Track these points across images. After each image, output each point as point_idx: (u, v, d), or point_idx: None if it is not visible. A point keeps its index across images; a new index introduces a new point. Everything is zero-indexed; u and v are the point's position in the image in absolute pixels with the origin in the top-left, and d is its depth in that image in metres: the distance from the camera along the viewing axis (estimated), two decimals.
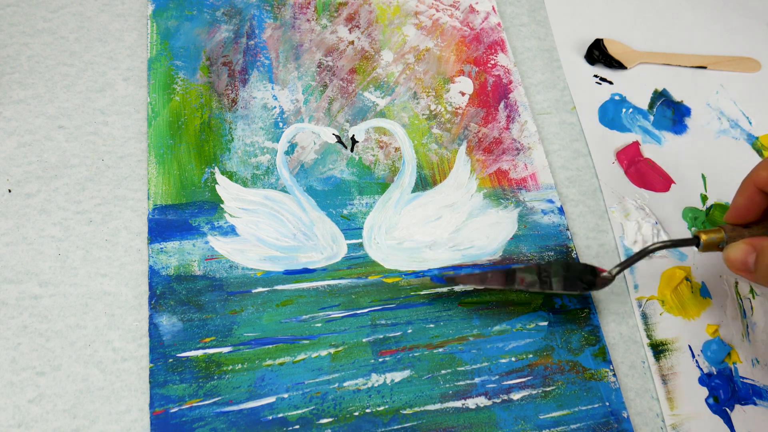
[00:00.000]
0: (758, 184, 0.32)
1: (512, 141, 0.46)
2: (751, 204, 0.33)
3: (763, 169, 0.32)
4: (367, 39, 0.48)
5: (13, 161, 0.41)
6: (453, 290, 0.40)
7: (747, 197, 0.33)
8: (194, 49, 0.46)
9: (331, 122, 0.45)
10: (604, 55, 0.50)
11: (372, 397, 0.36)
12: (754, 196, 0.33)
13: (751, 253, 0.32)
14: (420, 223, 0.42)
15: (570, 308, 0.40)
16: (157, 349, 0.36)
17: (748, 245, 0.32)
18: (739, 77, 0.51)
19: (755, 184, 0.32)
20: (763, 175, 0.32)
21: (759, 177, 0.32)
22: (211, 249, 0.39)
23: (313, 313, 0.38)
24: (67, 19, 0.46)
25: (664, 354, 0.40)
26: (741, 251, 0.32)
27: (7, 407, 0.34)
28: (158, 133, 0.42)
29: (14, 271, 0.37)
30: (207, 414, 0.34)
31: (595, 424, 0.37)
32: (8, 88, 0.43)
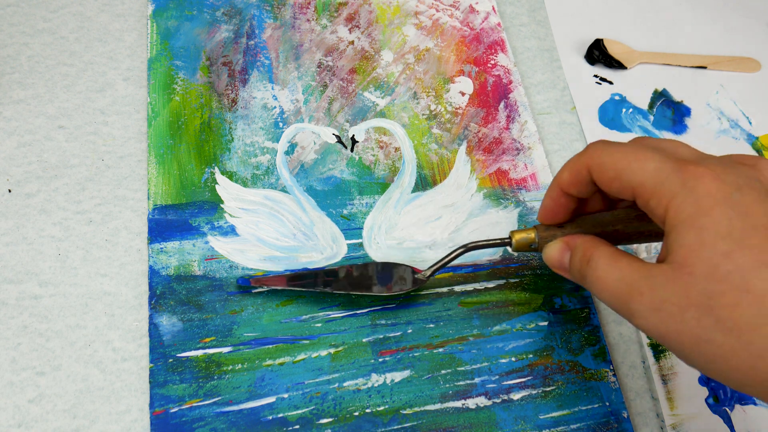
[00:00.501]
0: (561, 186, 0.32)
1: (512, 141, 0.46)
2: (557, 205, 0.33)
3: (565, 170, 0.32)
4: (367, 39, 0.48)
5: (13, 161, 0.41)
6: (453, 290, 0.40)
7: (553, 198, 0.33)
8: (194, 49, 0.46)
9: (331, 122, 0.45)
10: (604, 55, 0.50)
11: (372, 397, 0.36)
12: (559, 197, 0.33)
13: (566, 251, 0.32)
14: (420, 223, 0.42)
15: (570, 308, 0.40)
16: (157, 349, 0.36)
17: (564, 244, 0.32)
18: (739, 77, 0.51)
19: (559, 185, 0.32)
20: (565, 176, 0.32)
21: (561, 179, 0.32)
22: (211, 249, 0.39)
23: (313, 313, 0.38)
24: (67, 19, 0.46)
25: (664, 354, 0.40)
26: (557, 250, 0.32)
27: (7, 407, 0.34)
28: (158, 133, 0.42)
29: (14, 271, 0.37)
30: (207, 414, 0.35)
31: (595, 424, 0.37)
32: (8, 88, 0.43)
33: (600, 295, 0.29)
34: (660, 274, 0.26)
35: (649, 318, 0.26)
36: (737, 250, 0.24)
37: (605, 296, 0.28)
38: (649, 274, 0.27)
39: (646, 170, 0.27)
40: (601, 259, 0.29)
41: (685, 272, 0.25)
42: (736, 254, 0.24)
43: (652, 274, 0.26)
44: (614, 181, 0.29)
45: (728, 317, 0.24)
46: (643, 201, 0.28)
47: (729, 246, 0.24)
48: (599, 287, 0.29)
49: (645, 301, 0.26)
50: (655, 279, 0.26)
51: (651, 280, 0.26)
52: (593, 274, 0.29)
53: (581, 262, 0.30)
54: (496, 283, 0.40)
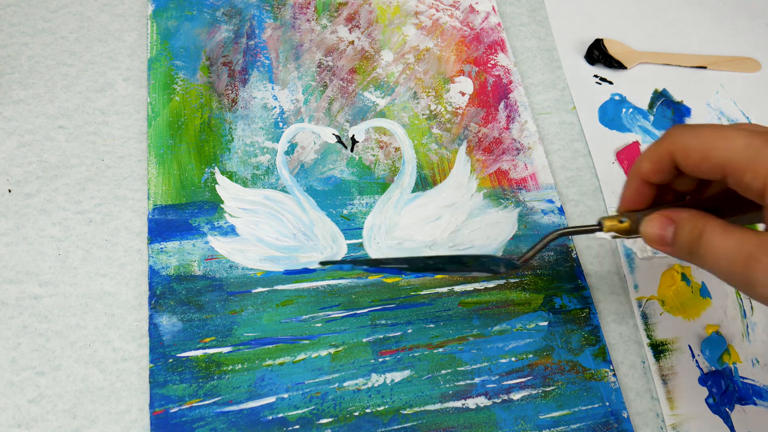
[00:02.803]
0: (642, 176, 0.33)
1: (512, 141, 0.46)
2: (639, 195, 0.33)
3: (645, 160, 0.32)
4: (367, 39, 0.48)
5: (13, 161, 0.41)
6: (453, 290, 0.40)
7: (633, 190, 0.33)
8: (194, 49, 0.46)
9: (331, 122, 0.45)
10: (604, 55, 0.50)
11: (372, 397, 0.36)
12: (640, 187, 0.33)
13: (668, 224, 0.31)
14: (420, 223, 0.42)
15: (570, 308, 0.40)
16: (157, 349, 0.36)
17: (665, 217, 0.31)
18: (739, 77, 0.51)
19: (639, 176, 0.33)
20: (645, 166, 0.32)
21: (642, 169, 0.32)
22: (211, 249, 0.39)
23: (313, 313, 0.38)
24: (67, 19, 0.46)
25: (664, 354, 0.40)
26: (657, 224, 0.31)
27: (7, 407, 0.34)
28: (158, 133, 0.42)
29: (14, 271, 0.37)
30: (207, 414, 0.34)
31: (595, 424, 0.37)
32: (8, 88, 0.43)
33: (714, 265, 0.29)
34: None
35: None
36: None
37: (720, 266, 0.28)
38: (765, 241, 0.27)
39: (736, 147, 0.27)
40: (714, 229, 0.29)
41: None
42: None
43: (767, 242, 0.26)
44: (702, 162, 0.29)
45: None
46: (736, 178, 0.28)
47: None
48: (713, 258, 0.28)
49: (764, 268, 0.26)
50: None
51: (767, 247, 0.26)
52: (706, 244, 0.29)
53: (691, 233, 0.30)
54: (496, 283, 0.40)
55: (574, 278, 0.41)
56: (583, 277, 0.41)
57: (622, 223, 0.33)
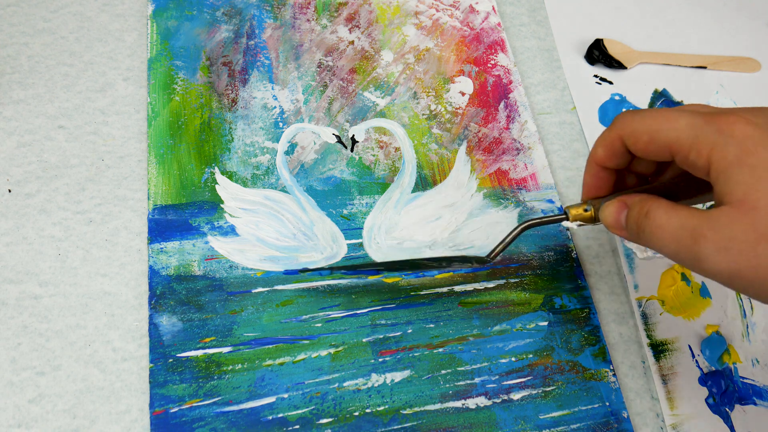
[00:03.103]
0: (597, 161, 0.34)
1: (512, 141, 0.46)
2: (598, 180, 0.34)
3: (598, 146, 0.33)
4: (367, 39, 0.48)
5: (13, 161, 0.41)
6: (453, 290, 0.40)
7: (592, 175, 0.35)
8: (194, 49, 0.46)
9: (331, 122, 0.45)
10: (604, 55, 0.50)
11: (372, 397, 0.36)
12: (598, 173, 0.34)
13: (622, 209, 0.32)
14: (420, 223, 0.42)
15: (570, 308, 0.40)
16: (157, 349, 0.36)
17: (620, 202, 0.32)
18: (739, 77, 0.51)
19: (595, 162, 0.34)
20: (599, 152, 0.33)
21: (597, 155, 0.34)
22: (211, 249, 0.39)
23: (313, 313, 0.38)
24: (67, 19, 0.46)
25: (664, 354, 0.40)
26: (613, 209, 0.33)
27: (7, 407, 0.34)
28: (158, 133, 0.42)
29: (14, 271, 0.37)
30: (207, 414, 0.34)
31: (595, 424, 0.37)
32: (8, 88, 0.43)
33: (660, 244, 0.29)
34: (722, 215, 0.27)
35: (718, 259, 0.27)
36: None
37: (666, 244, 0.29)
38: (711, 216, 0.27)
39: (679, 127, 0.29)
40: (659, 209, 0.29)
41: (748, 208, 0.26)
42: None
43: (713, 217, 0.27)
44: (649, 144, 0.30)
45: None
46: (681, 157, 0.29)
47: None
48: (659, 237, 0.29)
49: (710, 243, 0.27)
50: (719, 220, 0.27)
51: (714, 221, 0.27)
52: (652, 224, 0.29)
53: (638, 215, 0.30)
54: (496, 283, 0.40)
55: (574, 278, 0.41)
56: (583, 277, 0.41)
57: (586, 212, 0.34)
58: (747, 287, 0.27)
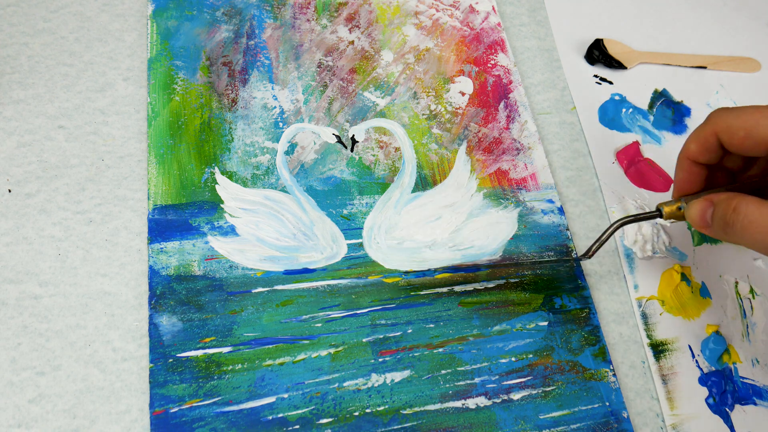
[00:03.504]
0: (690, 156, 0.35)
1: (512, 141, 0.46)
2: (690, 176, 0.36)
3: (691, 142, 0.34)
4: (367, 39, 0.48)
5: (13, 161, 0.41)
6: (453, 290, 0.40)
7: (684, 170, 0.36)
8: (194, 49, 0.46)
9: (331, 122, 0.45)
10: (604, 55, 0.50)
11: (372, 397, 0.36)
12: (690, 168, 0.35)
13: (708, 207, 0.33)
14: (420, 223, 0.42)
15: (570, 308, 0.40)
16: (157, 349, 0.36)
17: (706, 201, 0.33)
18: (739, 77, 0.51)
19: (687, 157, 0.35)
20: (692, 147, 0.34)
21: (689, 151, 0.35)
22: (211, 249, 0.39)
23: (313, 313, 0.38)
24: (67, 19, 0.46)
25: (664, 354, 0.40)
26: (699, 207, 0.34)
27: (7, 407, 0.34)
28: (158, 133, 0.42)
29: (14, 271, 0.37)
30: (207, 414, 0.34)
31: (595, 424, 0.37)
32: (8, 88, 0.43)
33: (753, 238, 0.30)
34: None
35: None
36: None
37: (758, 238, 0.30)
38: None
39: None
40: (750, 205, 0.30)
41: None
42: None
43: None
44: (746, 139, 0.31)
45: None
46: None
47: None
48: (751, 230, 0.30)
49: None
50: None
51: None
52: (744, 219, 0.30)
53: (726, 211, 0.31)
54: (496, 283, 0.40)
55: (574, 278, 0.41)
56: (583, 277, 0.41)
57: (680, 210, 0.36)
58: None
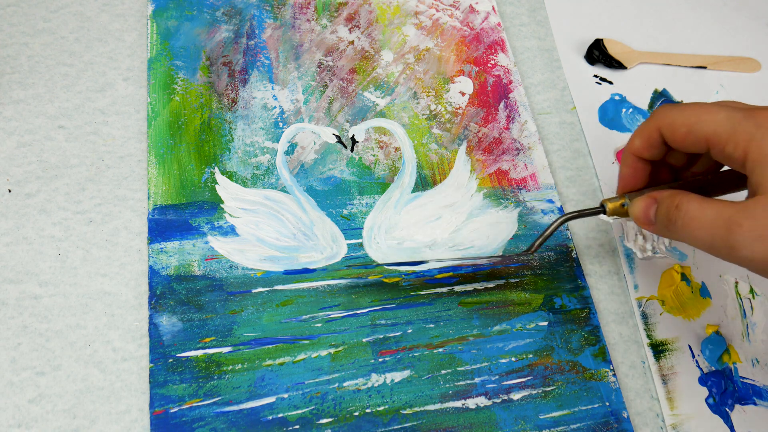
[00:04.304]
0: (634, 152, 0.35)
1: (512, 141, 0.46)
2: (634, 171, 0.36)
3: (636, 137, 0.34)
4: (367, 39, 0.48)
5: (13, 161, 0.41)
6: (453, 290, 0.40)
7: (629, 166, 0.35)
8: (194, 49, 0.46)
9: (331, 122, 0.45)
10: (604, 55, 0.50)
11: (372, 397, 0.36)
12: (635, 164, 0.35)
13: (652, 204, 0.33)
14: (420, 223, 0.42)
15: (570, 308, 0.40)
16: (157, 349, 0.36)
17: (650, 198, 0.33)
18: (739, 77, 0.51)
19: (632, 152, 0.35)
20: (637, 143, 0.34)
21: (634, 146, 0.35)
22: (211, 249, 0.39)
23: (313, 313, 0.38)
24: (67, 19, 0.46)
25: (664, 354, 0.40)
26: (643, 204, 0.33)
27: (7, 407, 0.34)
28: (158, 133, 0.42)
29: (14, 271, 0.37)
30: (207, 414, 0.35)
31: (595, 424, 0.37)
32: (8, 88, 0.43)
33: (694, 235, 0.30)
34: (757, 205, 0.28)
35: (754, 247, 0.27)
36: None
37: (700, 235, 0.29)
38: (746, 206, 0.28)
39: (718, 120, 0.30)
40: (692, 202, 0.30)
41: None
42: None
43: (749, 206, 0.28)
44: (688, 135, 0.31)
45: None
46: (718, 149, 0.30)
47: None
48: (692, 227, 0.30)
49: (746, 231, 0.28)
50: (755, 210, 0.28)
51: (749, 211, 0.28)
52: (685, 216, 0.30)
53: (669, 209, 0.31)
54: (496, 283, 0.40)
55: (574, 278, 0.41)
56: (583, 277, 0.41)
57: (623, 207, 0.35)
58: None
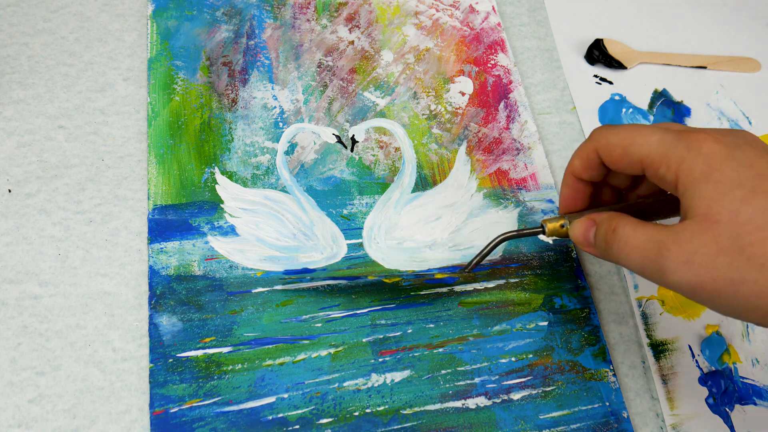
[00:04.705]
0: (574, 173, 0.35)
1: (512, 141, 0.46)
2: (575, 192, 0.35)
3: (576, 158, 0.34)
4: (367, 39, 0.48)
5: (13, 161, 0.41)
6: (453, 290, 0.40)
7: (569, 186, 0.35)
8: (194, 49, 0.46)
9: (331, 122, 0.45)
10: (604, 55, 0.50)
11: (372, 397, 0.36)
12: (574, 184, 0.35)
13: (591, 227, 0.33)
14: (420, 223, 0.42)
15: (570, 308, 0.40)
16: (157, 349, 0.36)
17: (589, 220, 0.33)
18: (739, 77, 0.51)
19: (572, 173, 0.35)
20: (576, 164, 0.34)
21: (573, 167, 0.34)
22: (211, 249, 0.39)
23: (313, 313, 0.38)
24: (67, 19, 0.46)
25: (664, 354, 0.40)
26: (582, 226, 0.34)
27: (7, 407, 0.34)
28: (158, 133, 0.42)
29: (14, 271, 0.37)
30: (207, 414, 0.35)
31: (595, 424, 0.37)
32: (8, 88, 0.43)
33: (627, 259, 0.30)
34: (686, 229, 0.28)
35: (681, 272, 0.28)
36: (752, 196, 0.27)
37: (633, 258, 0.30)
38: (675, 230, 0.28)
39: (651, 142, 0.30)
40: (627, 226, 0.30)
41: (710, 222, 0.27)
42: (753, 199, 0.27)
43: (678, 231, 0.28)
44: (623, 157, 0.31)
45: (759, 254, 0.26)
46: (652, 171, 0.30)
47: (744, 193, 0.27)
48: (627, 251, 0.30)
49: (675, 256, 0.28)
50: (683, 234, 0.28)
51: (678, 235, 0.28)
52: (620, 240, 0.30)
53: (606, 232, 0.31)
54: (496, 283, 0.40)
55: (574, 278, 0.41)
56: (583, 277, 0.41)
57: (563, 228, 0.35)
58: (708, 299, 0.28)
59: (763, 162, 0.28)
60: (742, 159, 0.28)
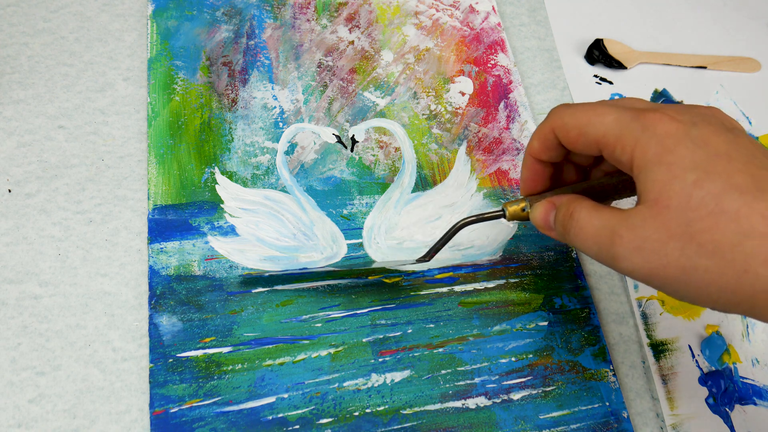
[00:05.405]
0: (533, 154, 0.34)
1: (512, 141, 0.46)
2: (535, 173, 0.34)
3: (534, 139, 0.33)
4: (367, 39, 0.48)
5: (13, 161, 0.41)
6: (453, 290, 0.40)
7: (528, 168, 0.34)
8: (194, 49, 0.46)
9: (331, 122, 0.45)
10: (604, 55, 0.50)
11: (372, 397, 0.36)
12: (534, 165, 0.34)
13: (551, 210, 0.32)
14: (420, 223, 0.42)
15: (570, 308, 0.40)
16: (157, 349, 0.36)
17: (549, 203, 0.32)
18: (739, 77, 0.51)
19: (531, 154, 0.34)
20: (534, 144, 0.33)
21: (532, 148, 0.33)
22: (211, 249, 0.39)
23: (313, 313, 0.38)
24: (67, 19, 0.46)
25: (664, 354, 0.40)
26: (542, 210, 0.33)
27: (7, 407, 0.34)
28: (158, 133, 0.42)
29: (14, 271, 0.37)
30: (207, 414, 0.34)
31: (595, 424, 0.37)
32: (8, 88, 0.43)
33: (583, 245, 0.29)
34: (637, 215, 0.27)
35: (632, 259, 0.27)
36: (705, 178, 0.25)
37: (588, 245, 0.29)
38: (627, 216, 0.27)
39: (606, 122, 0.29)
40: (582, 211, 0.29)
41: (661, 207, 0.26)
42: (705, 182, 0.25)
43: (629, 216, 0.27)
44: (579, 137, 0.30)
45: (709, 240, 0.25)
46: (608, 152, 0.29)
47: (697, 175, 0.25)
48: (582, 237, 0.29)
49: (626, 242, 0.27)
50: (634, 220, 0.27)
51: (629, 221, 0.27)
52: (576, 225, 0.29)
53: (564, 216, 0.31)
54: (496, 283, 0.40)
55: (574, 278, 0.41)
56: (583, 277, 0.41)
57: (524, 211, 0.34)
58: (661, 286, 0.27)
59: (719, 140, 0.26)
60: (697, 138, 0.26)
